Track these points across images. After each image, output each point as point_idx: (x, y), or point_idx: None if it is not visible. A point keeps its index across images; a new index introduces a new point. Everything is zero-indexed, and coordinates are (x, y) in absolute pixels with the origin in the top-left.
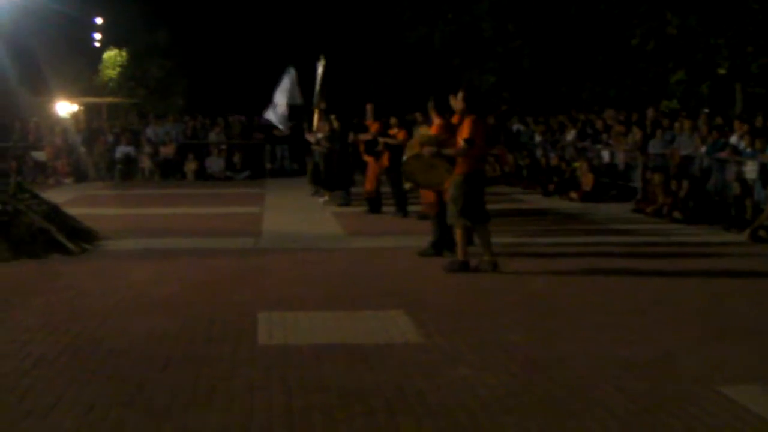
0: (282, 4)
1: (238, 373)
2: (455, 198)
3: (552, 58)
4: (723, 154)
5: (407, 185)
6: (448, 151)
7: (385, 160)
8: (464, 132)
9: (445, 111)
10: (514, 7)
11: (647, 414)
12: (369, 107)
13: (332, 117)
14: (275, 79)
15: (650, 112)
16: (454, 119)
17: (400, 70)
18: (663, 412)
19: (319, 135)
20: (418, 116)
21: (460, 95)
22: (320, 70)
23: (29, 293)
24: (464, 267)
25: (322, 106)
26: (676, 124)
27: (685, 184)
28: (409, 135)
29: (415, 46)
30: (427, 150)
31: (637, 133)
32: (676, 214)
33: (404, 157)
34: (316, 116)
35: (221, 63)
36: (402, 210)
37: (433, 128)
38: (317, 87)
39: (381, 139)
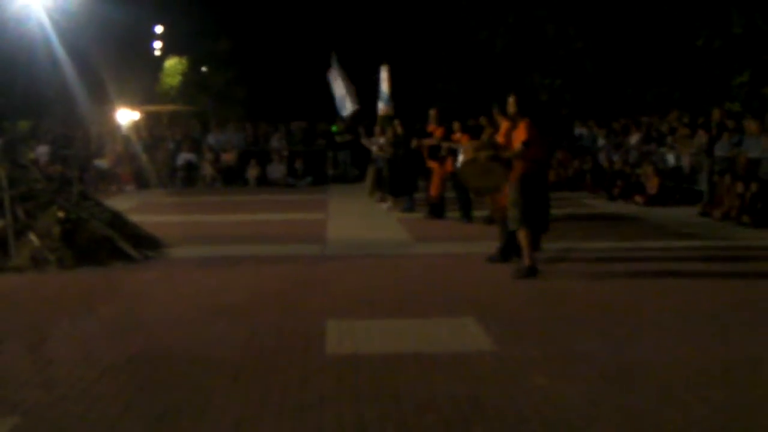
0: (344, 10)
1: (308, 383)
2: (515, 201)
3: (615, 60)
4: None
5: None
6: (505, 154)
7: (448, 165)
8: (520, 135)
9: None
10: (575, 9)
11: (732, 423)
12: (432, 112)
13: (396, 122)
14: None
15: (716, 114)
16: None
17: (463, 75)
18: (748, 421)
19: (381, 140)
20: (483, 121)
21: (512, 99)
22: (384, 75)
23: (94, 301)
24: (532, 272)
25: (390, 111)
26: (744, 126)
27: (753, 186)
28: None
29: (477, 50)
30: (482, 154)
31: (702, 136)
32: (744, 218)
33: (459, 162)
34: (378, 123)
35: (282, 69)
36: (467, 215)
37: (500, 132)
38: (384, 92)
39: (444, 144)
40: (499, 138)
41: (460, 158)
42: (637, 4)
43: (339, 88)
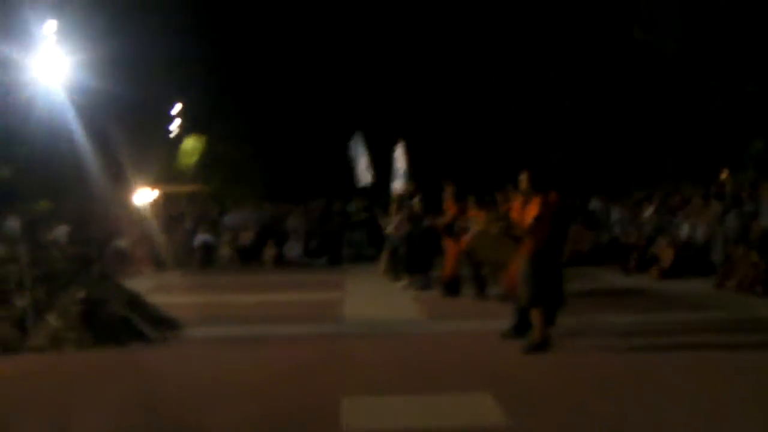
0: (362, 88)
1: None
2: (526, 278)
3: (631, 131)
4: None
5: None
6: (516, 230)
7: (463, 242)
8: (532, 210)
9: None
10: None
11: None
12: (448, 189)
13: (415, 200)
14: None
15: (729, 184)
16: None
17: (478, 148)
18: None
19: (396, 219)
20: (499, 197)
21: (524, 176)
22: (399, 152)
23: (112, 381)
24: (543, 347)
25: (409, 189)
26: (759, 194)
27: (766, 256)
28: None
29: (492, 125)
30: (494, 227)
31: (715, 207)
32: (758, 288)
33: (470, 234)
34: (393, 201)
35: (298, 148)
36: (480, 293)
37: (514, 208)
38: (400, 170)
39: (457, 222)
40: (513, 214)
41: (472, 231)
42: (649, 75)
43: (361, 160)
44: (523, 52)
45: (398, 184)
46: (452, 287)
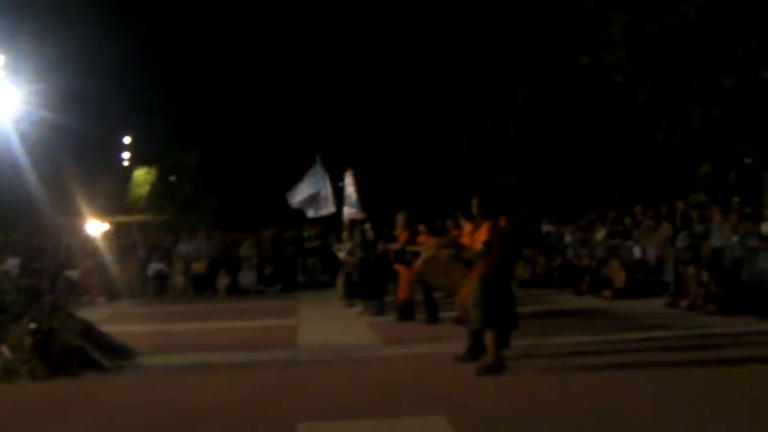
0: (310, 115)
1: None
2: (476, 302)
3: (579, 157)
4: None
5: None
6: (466, 254)
7: (415, 268)
8: (482, 235)
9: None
10: (538, 109)
11: None
12: (399, 216)
13: (367, 226)
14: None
15: (679, 206)
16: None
17: (429, 177)
18: None
19: (349, 245)
20: (449, 223)
21: (474, 201)
22: (348, 180)
23: (66, 411)
24: (497, 369)
25: (361, 217)
26: (708, 215)
27: (716, 275)
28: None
29: (443, 152)
30: (443, 252)
31: (666, 228)
32: (710, 307)
33: (421, 259)
34: (346, 227)
35: (249, 177)
36: (432, 317)
37: (464, 233)
38: (351, 197)
39: (408, 248)
40: (464, 239)
41: (422, 256)
42: (597, 102)
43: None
44: (471, 78)
45: (349, 211)
46: (406, 312)
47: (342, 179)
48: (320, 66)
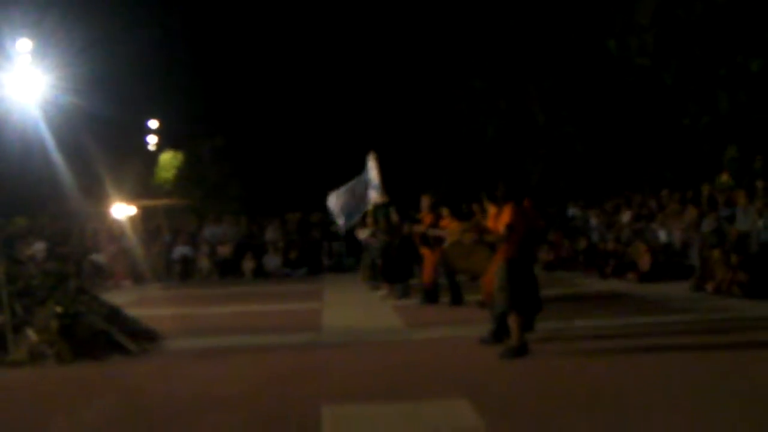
0: (335, 99)
1: None
2: (501, 286)
3: (605, 141)
4: None
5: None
6: (489, 238)
7: (439, 251)
8: (504, 218)
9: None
10: (565, 94)
11: None
12: (424, 199)
13: (391, 209)
14: (330, 175)
15: (705, 189)
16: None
17: (454, 161)
18: None
19: (367, 231)
20: (475, 207)
21: (500, 185)
22: (371, 163)
23: (92, 394)
24: (521, 352)
25: (384, 200)
26: (735, 199)
27: (742, 259)
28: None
29: (469, 136)
30: (467, 236)
31: (692, 211)
32: (736, 290)
33: (445, 243)
34: (369, 211)
35: (276, 162)
36: (456, 300)
37: (489, 217)
38: (374, 180)
39: (430, 231)
40: (488, 223)
41: (447, 240)
42: (624, 86)
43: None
44: (498, 64)
45: (373, 195)
46: (431, 295)
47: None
48: (347, 49)
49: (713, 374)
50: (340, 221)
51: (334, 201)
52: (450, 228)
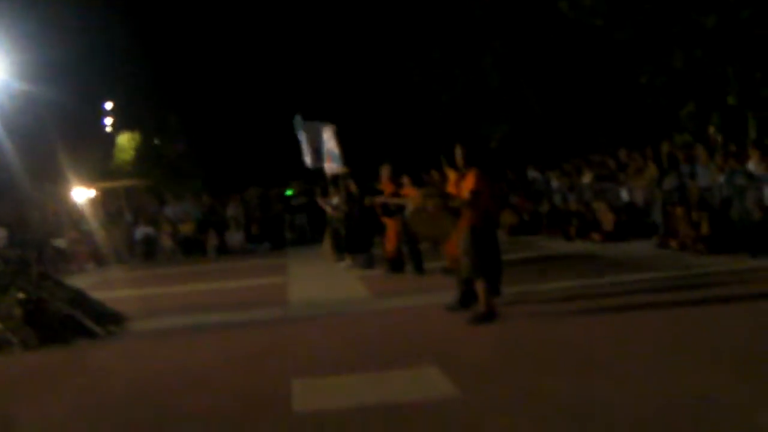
0: (291, 72)
1: None
2: (466, 250)
3: (562, 102)
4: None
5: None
6: (454, 203)
7: (400, 219)
8: (468, 184)
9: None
10: (519, 56)
11: None
12: (383, 169)
13: (349, 181)
14: (286, 149)
15: (664, 147)
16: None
17: (411, 128)
18: None
19: (335, 200)
20: (435, 174)
21: (459, 150)
22: (328, 134)
23: (60, 379)
24: (489, 317)
25: (343, 170)
26: (695, 155)
27: (705, 215)
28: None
29: (428, 102)
30: (431, 202)
31: (652, 170)
32: (700, 246)
33: (407, 211)
34: (329, 182)
35: (233, 138)
36: (418, 268)
37: (449, 183)
38: (333, 152)
39: (391, 200)
40: (449, 188)
41: (409, 208)
42: (579, 46)
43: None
44: (449, 31)
45: (331, 166)
46: (396, 264)
47: (319, 135)
48: (299, 22)
49: (681, 330)
50: (309, 159)
51: (306, 139)
52: (411, 195)
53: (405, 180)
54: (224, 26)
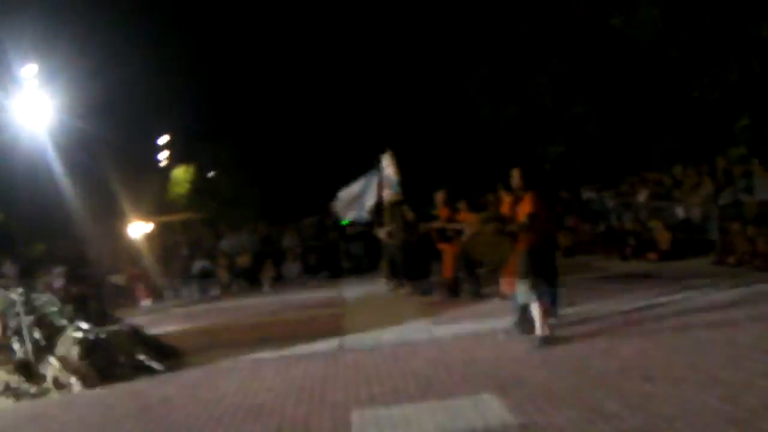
0: (344, 100)
1: None
2: (524, 274)
3: (617, 120)
4: None
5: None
6: (511, 227)
7: (458, 245)
8: (525, 207)
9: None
10: (573, 74)
11: None
12: (438, 195)
13: (405, 208)
14: (344, 176)
15: (720, 162)
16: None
17: (466, 153)
18: None
19: (390, 228)
20: (491, 197)
21: (516, 173)
22: (387, 161)
23: (121, 416)
24: (548, 342)
25: (399, 198)
26: (752, 169)
27: (762, 230)
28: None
29: (482, 125)
30: (489, 227)
31: (708, 185)
32: (757, 262)
33: (464, 236)
34: (386, 210)
35: (288, 168)
36: (476, 293)
37: (504, 206)
38: (391, 178)
39: (448, 226)
40: (504, 210)
41: (467, 233)
42: (632, 62)
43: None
44: (503, 49)
45: (389, 193)
46: (453, 290)
47: (379, 161)
48: (354, 48)
49: (741, 348)
50: (346, 213)
51: (342, 201)
52: (468, 220)
53: (462, 205)
54: (278, 56)
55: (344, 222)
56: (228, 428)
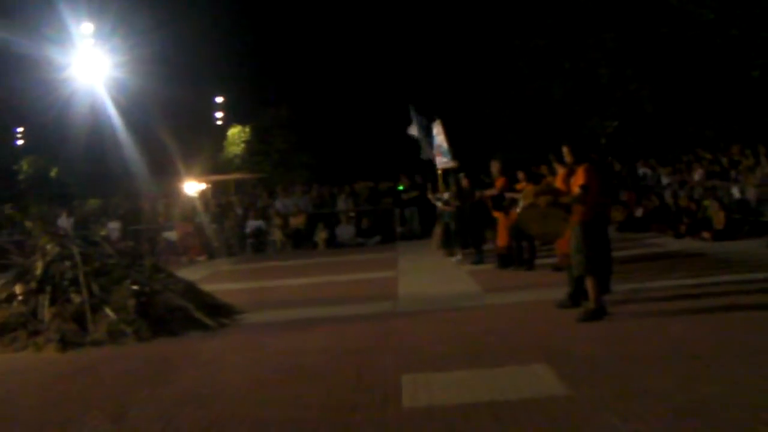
0: (400, 67)
1: None
2: (578, 247)
3: (673, 98)
4: None
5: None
6: (564, 199)
7: (513, 215)
8: (578, 179)
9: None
10: (630, 50)
11: None
12: (493, 164)
13: (461, 175)
14: (397, 143)
15: None
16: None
17: (522, 124)
18: None
19: (445, 196)
20: (544, 169)
21: (566, 148)
22: (437, 129)
23: (172, 370)
24: (599, 315)
25: (454, 165)
26: None
27: None
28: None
29: (535, 98)
30: (542, 199)
31: (765, 167)
32: None
33: (519, 208)
34: (439, 177)
35: (343, 131)
36: (529, 264)
37: (557, 179)
38: (443, 146)
39: (507, 195)
40: (558, 184)
41: (521, 204)
42: (690, 40)
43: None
44: (559, 21)
45: (441, 161)
46: (506, 259)
47: (431, 129)
48: (410, 14)
49: None
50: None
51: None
52: (525, 191)
53: (521, 175)
54: (334, 19)
55: (400, 187)
56: (279, 388)
